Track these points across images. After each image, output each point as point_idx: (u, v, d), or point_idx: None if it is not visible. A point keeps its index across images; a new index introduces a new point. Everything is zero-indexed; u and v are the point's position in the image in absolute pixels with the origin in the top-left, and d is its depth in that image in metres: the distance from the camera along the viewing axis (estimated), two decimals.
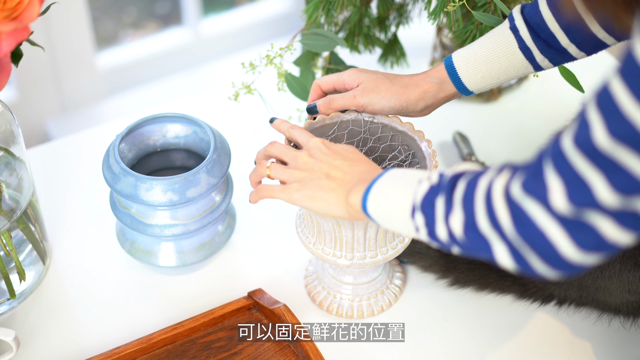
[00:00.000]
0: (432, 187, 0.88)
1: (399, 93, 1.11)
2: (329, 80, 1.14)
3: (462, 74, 1.11)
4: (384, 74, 1.13)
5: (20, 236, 1.17)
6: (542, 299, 1.18)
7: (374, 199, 0.94)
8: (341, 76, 1.13)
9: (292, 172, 1.01)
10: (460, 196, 0.85)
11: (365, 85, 1.11)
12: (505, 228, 0.81)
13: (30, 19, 0.93)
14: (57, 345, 1.16)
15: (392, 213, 0.92)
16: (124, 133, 1.18)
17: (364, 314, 1.18)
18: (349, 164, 0.99)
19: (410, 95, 1.11)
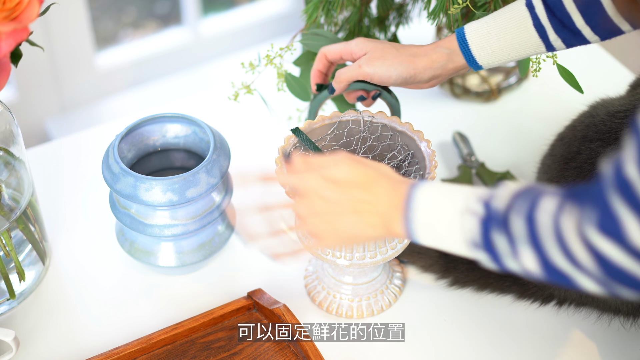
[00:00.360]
0: (483, 222, 0.83)
1: (406, 61, 1.09)
2: (336, 49, 1.13)
3: (473, 47, 1.09)
4: (391, 43, 1.11)
5: (20, 236, 1.17)
6: (542, 299, 1.18)
7: (423, 230, 0.89)
8: (348, 45, 1.12)
9: (315, 223, 0.96)
10: (524, 235, 0.80)
11: (372, 54, 1.09)
12: (588, 268, 0.77)
13: (29, 19, 0.93)
14: (56, 345, 1.16)
15: (446, 245, 0.88)
16: (124, 133, 1.18)
17: (364, 314, 1.18)
18: (364, 190, 0.92)
19: (418, 64, 1.09)
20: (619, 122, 1.10)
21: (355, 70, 1.11)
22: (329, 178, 0.94)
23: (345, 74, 1.11)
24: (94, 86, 2.35)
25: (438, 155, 1.40)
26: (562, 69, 1.14)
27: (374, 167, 0.94)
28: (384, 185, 0.92)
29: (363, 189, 0.92)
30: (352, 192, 0.93)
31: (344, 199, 0.93)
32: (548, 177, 1.17)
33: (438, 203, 0.88)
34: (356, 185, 0.93)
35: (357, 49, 1.11)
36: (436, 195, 0.88)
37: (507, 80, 1.49)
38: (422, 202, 0.89)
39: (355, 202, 0.92)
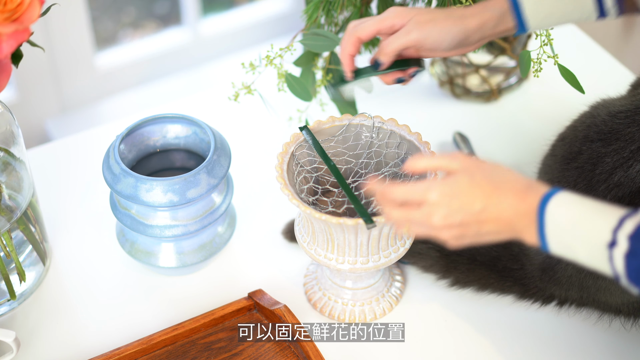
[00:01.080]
0: (628, 257, 0.82)
1: (458, 23, 1.02)
2: (370, 27, 1.04)
3: (527, 8, 1.03)
4: (433, 8, 1.03)
5: (21, 237, 1.17)
6: (543, 300, 1.18)
7: (558, 249, 0.86)
8: (385, 17, 1.04)
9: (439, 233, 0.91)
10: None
11: (419, 18, 1.02)
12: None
13: (30, 20, 0.93)
14: (57, 346, 1.16)
15: (587, 265, 0.86)
16: (124, 134, 1.18)
17: (357, 319, 1.18)
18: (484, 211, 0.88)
19: (469, 25, 1.03)
20: (620, 122, 1.10)
21: (404, 37, 1.02)
22: (452, 197, 0.89)
23: (393, 44, 1.02)
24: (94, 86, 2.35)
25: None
26: (563, 69, 1.14)
27: (492, 172, 0.90)
28: (506, 193, 0.88)
29: (487, 204, 0.88)
30: (477, 211, 0.89)
31: (466, 220, 0.89)
32: (549, 178, 1.17)
33: (575, 226, 0.85)
34: (477, 208, 0.88)
35: (398, 19, 1.03)
36: (572, 215, 0.85)
37: (508, 81, 1.49)
38: (556, 222, 0.86)
39: (478, 218, 0.89)
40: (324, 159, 1.11)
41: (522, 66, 1.18)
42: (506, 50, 1.44)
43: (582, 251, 0.85)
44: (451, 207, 0.89)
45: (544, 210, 0.86)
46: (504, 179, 0.89)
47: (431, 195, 0.89)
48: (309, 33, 1.24)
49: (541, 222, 0.86)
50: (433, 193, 0.89)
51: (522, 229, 0.88)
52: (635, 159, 1.07)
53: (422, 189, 0.90)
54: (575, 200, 0.86)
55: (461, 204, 0.89)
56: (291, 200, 1.04)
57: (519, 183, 0.89)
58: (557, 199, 0.86)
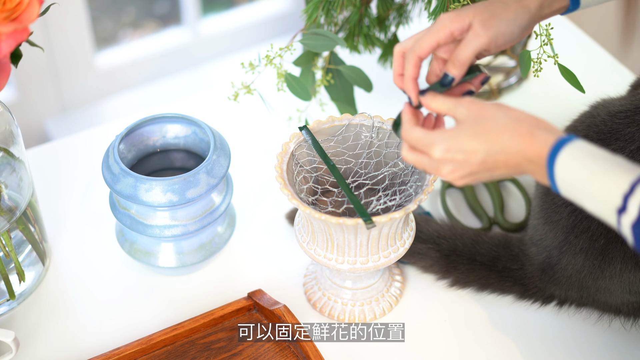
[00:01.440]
0: (635, 226, 0.81)
1: (519, 10, 0.97)
2: (428, 41, 0.97)
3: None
4: (485, 1, 0.98)
5: (20, 237, 1.17)
6: (543, 300, 1.18)
7: (568, 194, 0.85)
8: (442, 27, 0.97)
9: (455, 178, 0.92)
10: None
11: (480, 17, 0.96)
12: None
13: (29, 19, 0.93)
14: (56, 346, 1.16)
15: (586, 208, 0.85)
16: (124, 133, 1.18)
17: (356, 319, 1.17)
18: (492, 153, 0.88)
19: (530, 6, 0.97)
20: (620, 122, 1.10)
21: (475, 42, 0.96)
22: (455, 151, 0.90)
23: (466, 52, 0.96)
24: (93, 86, 2.35)
25: None
26: (563, 68, 1.14)
27: (496, 115, 0.89)
28: (512, 137, 0.88)
29: (491, 151, 0.88)
30: (481, 160, 0.89)
31: (474, 170, 0.90)
32: None
33: (584, 184, 0.84)
34: (480, 158, 0.89)
35: (456, 24, 0.96)
36: (582, 172, 0.84)
37: (508, 81, 1.49)
38: (565, 177, 0.85)
39: (486, 166, 0.90)
40: (323, 159, 1.11)
41: (523, 66, 1.18)
42: (506, 50, 1.44)
43: (590, 207, 0.84)
44: (455, 161, 0.90)
45: (554, 163, 0.85)
46: (509, 122, 0.88)
47: (435, 152, 0.91)
48: (308, 33, 1.23)
49: (551, 172, 0.86)
50: (436, 149, 0.91)
51: (533, 172, 0.88)
52: (635, 159, 1.07)
53: (426, 143, 0.92)
54: (587, 154, 0.84)
55: (465, 157, 0.90)
56: (291, 200, 1.04)
57: (525, 125, 0.88)
58: (567, 151, 0.85)
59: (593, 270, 1.11)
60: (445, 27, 0.97)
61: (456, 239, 1.20)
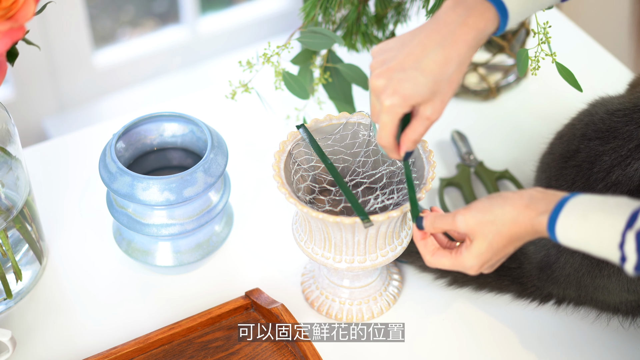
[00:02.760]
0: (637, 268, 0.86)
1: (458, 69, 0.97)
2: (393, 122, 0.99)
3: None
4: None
5: (17, 236, 1.17)
6: (541, 298, 1.18)
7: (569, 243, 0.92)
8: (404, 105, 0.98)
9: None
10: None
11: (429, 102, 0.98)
12: None
13: (25, 18, 0.93)
14: (53, 345, 1.16)
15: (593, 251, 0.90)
16: (121, 132, 1.18)
17: (354, 318, 1.17)
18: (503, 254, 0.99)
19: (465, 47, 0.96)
20: (618, 120, 1.10)
21: (428, 123, 0.98)
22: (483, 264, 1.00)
23: (420, 131, 0.99)
24: (92, 85, 2.34)
25: (436, 154, 1.40)
26: (561, 67, 1.13)
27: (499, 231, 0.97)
28: (519, 239, 0.97)
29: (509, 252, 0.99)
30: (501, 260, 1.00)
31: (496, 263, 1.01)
32: (547, 176, 1.17)
33: (586, 243, 0.90)
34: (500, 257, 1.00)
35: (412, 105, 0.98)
36: (581, 235, 0.90)
37: (506, 79, 1.49)
38: (567, 240, 0.91)
39: (505, 257, 1.00)
40: (321, 158, 1.11)
41: (520, 64, 1.18)
42: (504, 49, 1.44)
43: (594, 251, 0.90)
44: (484, 268, 1.00)
45: (555, 234, 0.92)
46: (510, 225, 0.96)
47: (470, 272, 1.01)
48: (306, 31, 1.23)
49: (553, 236, 0.92)
50: (470, 270, 1.00)
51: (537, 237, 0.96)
52: (633, 157, 1.07)
53: (457, 267, 1.01)
54: (579, 218, 0.89)
55: (491, 263, 1.00)
56: (288, 199, 1.04)
57: (522, 222, 0.95)
58: (562, 222, 0.91)
59: (591, 268, 1.10)
60: (397, 113, 0.96)
61: None
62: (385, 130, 0.98)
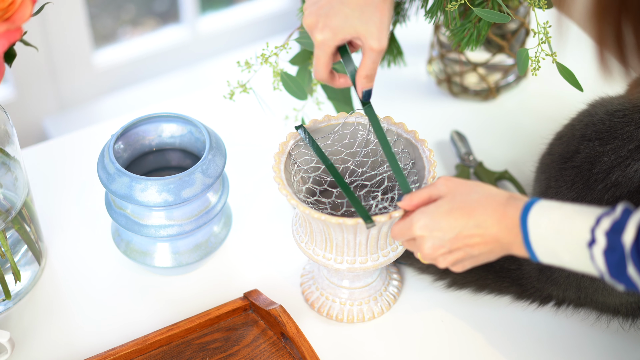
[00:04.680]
0: (616, 261, 0.85)
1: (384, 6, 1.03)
2: (325, 62, 1.06)
3: None
4: None
5: (16, 237, 1.17)
6: (541, 300, 1.17)
7: (545, 256, 0.90)
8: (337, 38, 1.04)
9: (440, 261, 0.98)
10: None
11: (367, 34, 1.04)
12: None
13: (22, 19, 0.93)
14: (52, 346, 1.15)
15: (575, 269, 0.89)
16: (119, 133, 1.17)
17: (355, 318, 1.17)
18: (468, 226, 0.94)
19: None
20: (618, 121, 1.10)
21: (374, 55, 1.03)
22: (432, 228, 0.95)
23: (371, 66, 1.04)
24: (92, 84, 2.34)
25: (436, 154, 1.39)
26: (561, 67, 1.13)
27: (471, 192, 0.95)
28: (486, 211, 0.93)
29: (467, 225, 0.93)
30: (458, 234, 0.94)
31: (454, 244, 0.95)
32: (546, 177, 1.17)
33: (556, 232, 0.88)
34: (458, 231, 0.94)
35: (347, 36, 1.04)
36: (552, 222, 0.88)
37: (506, 79, 1.49)
38: (538, 231, 0.89)
39: (464, 242, 0.94)
40: (321, 158, 1.10)
41: (520, 64, 1.18)
42: (504, 48, 1.44)
43: (566, 255, 0.88)
44: (434, 237, 0.95)
45: (526, 220, 0.89)
46: (482, 197, 0.93)
47: (415, 229, 0.96)
48: (305, 31, 1.23)
49: (525, 233, 0.90)
50: (416, 226, 0.96)
51: (510, 243, 0.92)
52: (633, 158, 1.07)
53: (407, 226, 0.97)
54: (554, 206, 0.89)
55: (443, 232, 0.94)
56: (290, 201, 1.04)
57: (498, 198, 0.93)
58: (536, 207, 0.89)
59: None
60: (330, 47, 1.03)
61: None
62: (319, 64, 1.04)
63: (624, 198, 1.07)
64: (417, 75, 1.54)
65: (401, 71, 1.51)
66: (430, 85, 1.52)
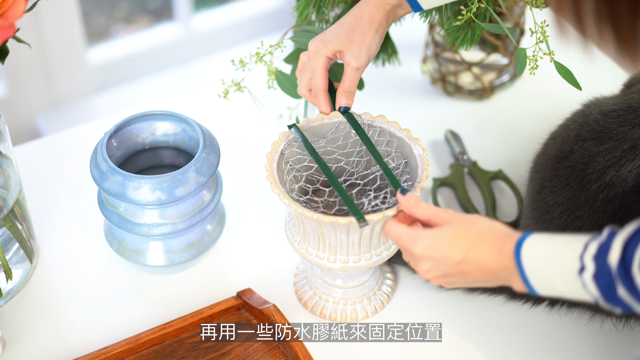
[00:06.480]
0: (606, 285, 0.85)
1: (373, 30, 1.11)
2: (321, 74, 1.13)
3: None
4: None
5: (7, 234, 1.16)
6: (534, 300, 1.17)
7: (543, 290, 0.91)
8: (321, 55, 1.12)
9: (434, 280, 0.99)
10: None
11: (349, 50, 1.11)
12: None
13: (15, 16, 0.93)
14: (44, 345, 1.15)
15: (573, 298, 0.90)
16: (112, 131, 1.17)
17: (348, 318, 1.17)
18: (465, 262, 0.95)
19: (379, 21, 1.12)
20: (613, 121, 1.10)
21: (355, 73, 1.12)
22: (434, 252, 0.96)
23: (350, 84, 1.12)
24: (85, 82, 2.34)
25: (430, 154, 1.39)
26: (559, 66, 1.13)
27: (474, 224, 0.96)
28: (486, 245, 0.94)
29: (466, 257, 0.94)
30: (456, 263, 0.95)
31: (450, 270, 0.96)
32: (541, 177, 1.17)
33: (549, 264, 0.89)
34: (457, 260, 0.95)
35: (329, 52, 1.12)
36: (544, 254, 0.89)
37: (500, 78, 1.48)
38: (532, 264, 0.90)
39: (461, 269, 0.95)
40: (314, 157, 1.10)
41: (518, 64, 1.17)
42: (498, 48, 1.44)
43: (561, 285, 0.89)
44: (433, 260, 0.96)
45: (520, 255, 0.91)
46: (484, 231, 0.95)
47: (416, 249, 0.97)
48: (299, 30, 1.23)
49: (520, 268, 0.91)
50: (418, 246, 0.97)
51: (508, 278, 0.93)
52: (627, 158, 1.07)
53: (410, 240, 0.98)
54: (545, 238, 0.90)
55: (442, 257, 0.95)
56: (282, 200, 1.03)
57: (498, 233, 0.94)
58: (528, 241, 0.91)
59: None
60: (322, 56, 1.11)
61: None
62: (315, 77, 1.11)
63: (618, 198, 1.07)
64: (411, 75, 1.53)
65: (395, 70, 1.51)
66: (424, 84, 1.52)
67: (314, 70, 1.12)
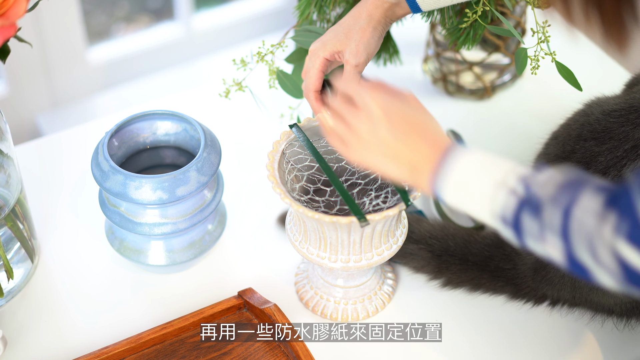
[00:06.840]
0: (519, 204, 0.84)
1: (372, 28, 1.11)
2: (316, 75, 1.11)
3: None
4: None
5: (9, 234, 1.16)
6: (535, 300, 1.17)
7: (451, 189, 0.89)
8: (318, 57, 1.11)
9: (349, 139, 0.96)
10: (557, 226, 0.81)
11: (348, 49, 1.11)
12: (610, 268, 0.79)
13: (17, 16, 0.93)
14: (45, 344, 1.15)
15: (469, 209, 0.89)
16: (113, 130, 1.17)
17: (349, 317, 1.17)
18: (403, 140, 0.92)
19: (378, 18, 1.12)
20: (614, 121, 1.10)
21: (355, 71, 1.11)
22: (386, 107, 0.94)
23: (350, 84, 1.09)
24: (85, 81, 2.34)
25: None
26: (560, 66, 1.13)
27: (421, 119, 0.95)
28: (424, 140, 0.92)
29: (403, 137, 0.93)
30: (391, 136, 0.93)
31: (382, 140, 0.93)
32: None
33: (476, 168, 0.88)
34: (398, 131, 0.93)
35: (327, 53, 1.11)
36: (476, 160, 0.89)
37: (502, 78, 1.48)
38: (459, 163, 0.89)
39: (389, 148, 0.93)
40: (315, 157, 1.10)
41: (519, 64, 1.17)
42: (500, 48, 1.44)
43: (471, 193, 0.88)
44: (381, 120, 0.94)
45: (451, 155, 0.90)
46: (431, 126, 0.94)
47: (369, 101, 0.94)
48: (300, 29, 1.23)
49: (444, 164, 0.89)
50: (373, 100, 0.94)
51: (422, 169, 0.91)
52: (628, 158, 1.07)
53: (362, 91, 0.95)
54: (481, 152, 0.90)
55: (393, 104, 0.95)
56: (283, 200, 1.03)
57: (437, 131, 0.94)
58: (465, 150, 0.90)
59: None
60: (319, 57, 1.11)
61: (448, 239, 1.19)
62: (308, 77, 1.10)
63: None
64: (412, 74, 1.53)
65: (397, 70, 1.51)
66: (425, 84, 1.52)
67: (308, 70, 1.11)
